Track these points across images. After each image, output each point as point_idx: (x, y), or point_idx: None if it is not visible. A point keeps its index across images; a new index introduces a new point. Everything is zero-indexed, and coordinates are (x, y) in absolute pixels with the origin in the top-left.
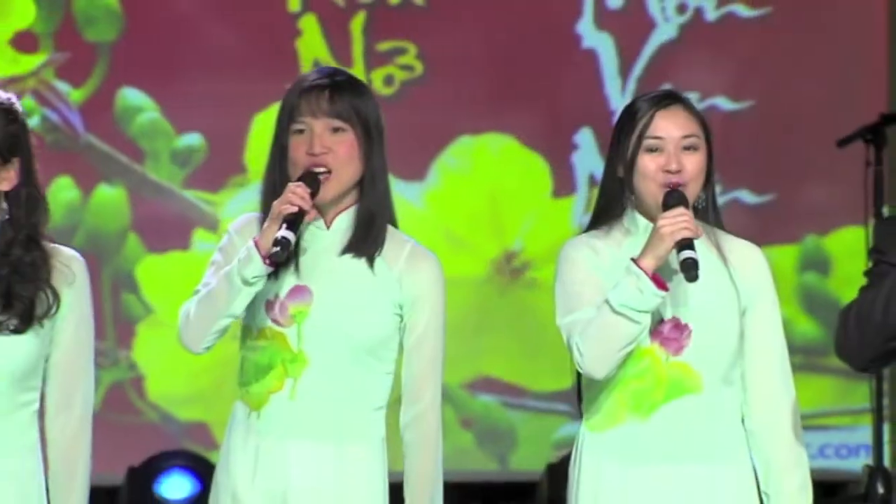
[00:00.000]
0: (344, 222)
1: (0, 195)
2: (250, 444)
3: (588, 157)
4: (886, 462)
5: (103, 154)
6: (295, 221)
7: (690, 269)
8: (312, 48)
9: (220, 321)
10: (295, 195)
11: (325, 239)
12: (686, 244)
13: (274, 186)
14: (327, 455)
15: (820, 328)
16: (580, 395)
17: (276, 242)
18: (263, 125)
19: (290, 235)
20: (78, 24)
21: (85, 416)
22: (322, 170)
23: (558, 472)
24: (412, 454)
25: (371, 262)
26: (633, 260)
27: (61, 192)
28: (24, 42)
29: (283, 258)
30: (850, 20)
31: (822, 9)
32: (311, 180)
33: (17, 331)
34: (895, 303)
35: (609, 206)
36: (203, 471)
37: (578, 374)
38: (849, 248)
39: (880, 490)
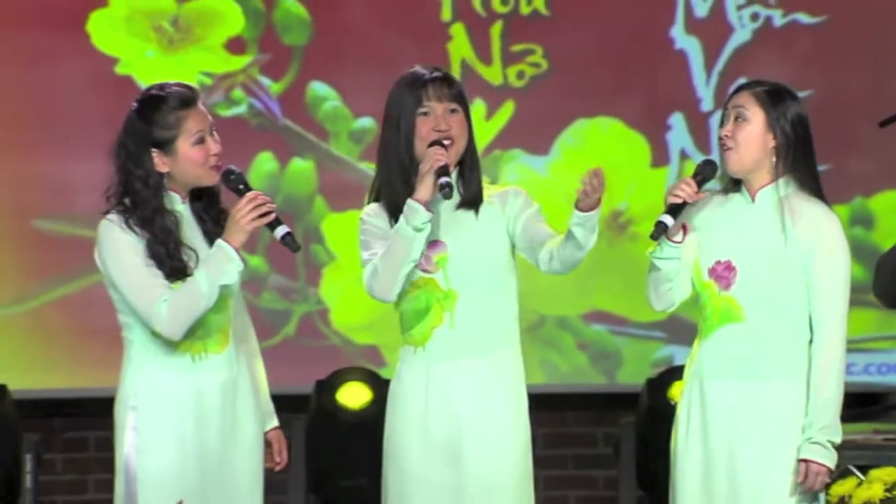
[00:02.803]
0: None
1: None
2: (420, 368)
3: (679, 136)
4: None
5: (296, 134)
6: (445, 172)
7: (654, 229)
8: (460, 49)
9: (404, 268)
10: (437, 153)
11: (442, 200)
12: (672, 208)
13: (399, 159)
14: (483, 366)
15: (865, 272)
16: None
17: (442, 187)
18: None
19: (450, 180)
20: (277, 31)
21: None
22: (448, 141)
23: (655, 386)
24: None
25: (477, 210)
26: None
27: (264, 164)
28: (235, 46)
29: (450, 197)
30: (890, 26)
31: (869, 17)
32: (442, 145)
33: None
34: None
35: None
36: (375, 383)
37: None
38: (889, 207)
39: None
